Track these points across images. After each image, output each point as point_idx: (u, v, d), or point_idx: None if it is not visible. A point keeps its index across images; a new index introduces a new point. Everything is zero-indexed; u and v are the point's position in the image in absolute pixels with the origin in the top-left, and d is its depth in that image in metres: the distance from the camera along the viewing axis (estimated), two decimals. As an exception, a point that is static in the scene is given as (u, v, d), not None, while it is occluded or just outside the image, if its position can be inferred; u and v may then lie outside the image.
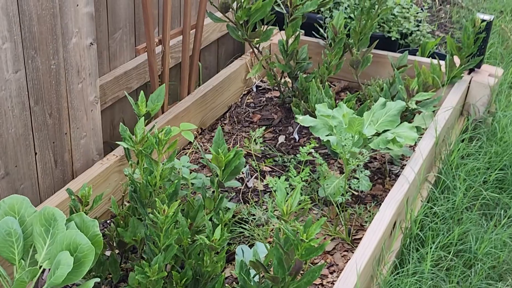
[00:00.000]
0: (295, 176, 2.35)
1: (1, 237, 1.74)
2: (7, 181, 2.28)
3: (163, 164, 1.95)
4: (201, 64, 3.62)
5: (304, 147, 2.40)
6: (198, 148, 3.01)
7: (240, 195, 2.74)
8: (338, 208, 2.45)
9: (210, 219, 2.19)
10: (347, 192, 2.43)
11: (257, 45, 3.19)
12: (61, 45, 2.36)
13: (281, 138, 3.19)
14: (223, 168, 2.12)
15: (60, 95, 2.42)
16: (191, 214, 2.13)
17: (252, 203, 2.63)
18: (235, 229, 2.41)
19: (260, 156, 3.02)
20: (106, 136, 3.07)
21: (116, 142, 2.29)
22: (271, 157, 3.00)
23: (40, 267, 1.80)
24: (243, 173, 2.87)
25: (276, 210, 2.24)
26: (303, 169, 2.38)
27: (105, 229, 2.38)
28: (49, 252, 1.78)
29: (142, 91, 2.12)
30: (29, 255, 1.87)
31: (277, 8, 3.01)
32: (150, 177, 1.96)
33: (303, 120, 2.55)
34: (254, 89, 3.59)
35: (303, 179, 2.32)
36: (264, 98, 3.51)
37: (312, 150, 2.49)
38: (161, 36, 2.89)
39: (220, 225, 2.08)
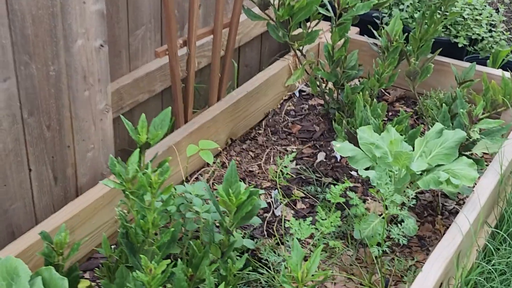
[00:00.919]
0: (323, 219, 1.97)
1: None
2: (-7, 202, 2.00)
3: (157, 208, 1.61)
4: (237, 64, 3.26)
5: (336, 186, 2.01)
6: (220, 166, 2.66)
7: (265, 225, 2.39)
8: (376, 258, 2.07)
9: (217, 269, 1.85)
10: (385, 241, 2.04)
11: (300, 48, 2.80)
12: (63, 49, 2.04)
13: (321, 156, 2.80)
14: (234, 212, 1.77)
15: (61, 105, 2.11)
16: (195, 262, 1.79)
17: (276, 240, 2.28)
18: (251, 275, 2.06)
19: (294, 177, 2.65)
20: (124, 143, 2.76)
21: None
22: (304, 181, 2.62)
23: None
24: (271, 197, 2.51)
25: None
26: (333, 212, 1.99)
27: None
28: (10, 313, 1.47)
29: (143, 114, 1.78)
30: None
31: (321, 10, 2.60)
32: (142, 222, 1.62)
33: (341, 149, 2.15)
34: (297, 94, 3.20)
35: (332, 224, 1.95)
36: (307, 106, 3.13)
37: (350, 185, 2.10)
38: (187, 36, 2.53)
39: (224, 282, 1.74)
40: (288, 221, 1.96)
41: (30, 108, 2.01)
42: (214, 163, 2.65)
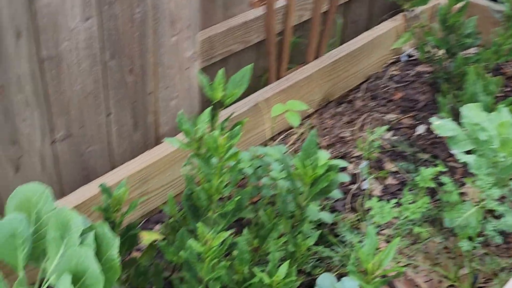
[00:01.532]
0: (409, 203, 1.78)
1: (3, 238, 1.40)
2: (69, 143, 1.95)
3: (223, 173, 1.48)
4: (343, 20, 3.03)
5: (427, 169, 1.80)
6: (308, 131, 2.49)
7: (349, 198, 2.22)
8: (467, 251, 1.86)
9: (285, 243, 1.71)
10: (478, 236, 1.81)
11: (412, 9, 2.54)
12: (151, -10, 1.92)
13: (421, 128, 2.57)
14: (309, 187, 1.62)
15: (145, 50, 2.01)
16: (262, 233, 1.67)
17: (359, 215, 2.11)
18: (324, 252, 1.91)
19: (387, 150, 2.44)
20: (213, 94, 2.64)
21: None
22: (399, 155, 2.41)
23: (47, 281, 1.44)
24: (359, 170, 2.33)
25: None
26: (423, 196, 1.79)
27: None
28: (59, 265, 1.41)
29: (222, 69, 1.63)
30: (43, 260, 1.52)
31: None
32: (207, 186, 1.50)
33: (440, 127, 1.92)
34: (404, 59, 2.95)
35: (420, 209, 1.75)
36: (413, 72, 2.87)
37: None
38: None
39: (291, 260, 1.61)
40: (372, 197, 1.78)
41: (112, 51, 1.92)
42: (301, 124, 2.49)
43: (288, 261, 1.55)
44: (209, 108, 1.54)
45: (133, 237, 1.60)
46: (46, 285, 1.44)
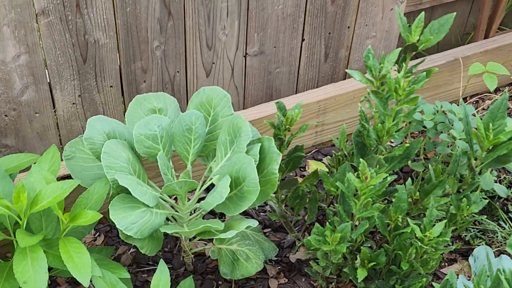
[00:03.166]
0: None
1: (180, 131, 1.51)
2: (260, 60, 2.02)
3: (398, 116, 1.45)
4: None
5: None
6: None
7: (531, 178, 2.06)
8: None
9: (448, 204, 1.65)
10: None
11: None
12: None
13: None
14: (486, 152, 1.52)
15: (353, -19, 1.99)
16: (426, 187, 1.61)
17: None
18: (488, 225, 1.81)
19: None
20: (413, 42, 2.55)
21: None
22: None
23: (211, 179, 1.54)
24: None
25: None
26: None
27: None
28: (224, 168, 1.49)
29: (422, 13, 1.56)
30: (212, 160, 1.61)
31: None
32: (380, 126, 1.48)
33: None
34: None
35: None
36: None
37: None
38: None
39: (449, 222, 1.55)
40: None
41: (320, -24, 1.92)
42: (500, 90, 2.33)
43: (445, 221, 1.50)
44: (398, 49, 1.49)
45: (298, 158, 1.63)
46: (209, 182, 1.54)
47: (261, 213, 1.94)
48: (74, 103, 1.79)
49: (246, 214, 1.92)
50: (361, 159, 1.39)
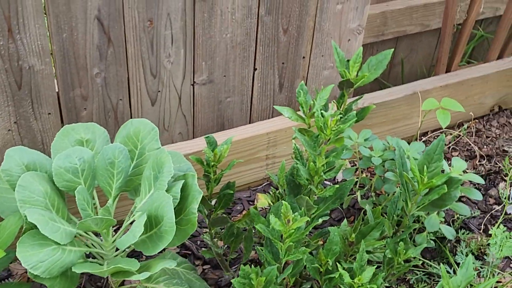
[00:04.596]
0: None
1: (102, 164, 1.45)
2: (209, 88, 1.96)
3: (326, 157, 1.38)
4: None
5: None
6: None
7: (488, 217, 1.99)
8: None
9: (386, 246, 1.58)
10: None
11: None
12: (322, -49, 1.83)
13: None
14: (424, 193, 1.46)
15: (306, 12, 1.94)
16: (363, 229, 1.55)
17: (489, 240, 1.89)
18: (431, 266, 1.74)
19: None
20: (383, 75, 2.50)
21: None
22: None
23: (133, 215, 1.48)
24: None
25: None
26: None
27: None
28: (145, 204, 1.43)
29: (360, 48, 1.50)
30: (137, 192, 1.56)
31: None
32: (312, 165, 1.42)
33: None
34: None
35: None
36: None
37: None
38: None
39: (384, 265, 1.49)
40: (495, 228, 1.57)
41: (269, 6, 1.87)
42: (460, 126, 2.27)
43: (376, 266, 1.44)
44: (331, 85, 1.44)
45: (229, 196, 1.57)
46: (131, 220, 1.48)
47: (203, 248, 1.87)
48: (9, 130, 1.74)
49: (186, 248, 1.86)
50: (284, 201, 1.33)
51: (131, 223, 1.50)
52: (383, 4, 2.28)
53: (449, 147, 2.24)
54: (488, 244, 1.89)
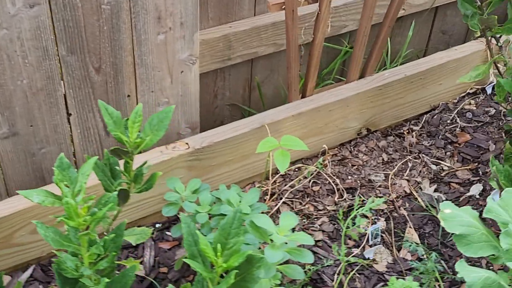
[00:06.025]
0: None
1: None
2: (14, 142, 1.69)
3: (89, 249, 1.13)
4: (430, 29, 2.49)
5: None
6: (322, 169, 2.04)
7: (342, 266, 1.77)
8: None
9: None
10: None
11: (497, 35, 1.98)
12: (125, -22, 1.57)
13: (476, 189, 2.03)
14: (219, 276, 1.22)
15: (119, 47, 1.68)
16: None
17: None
18: None
19: (417, 211, 1.94)
20: (237, 97, 2.27)
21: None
22: (433, 221, 1.91)
23: None
24: (369, 231, 1.86)
25: None
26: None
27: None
28: None
29: (140, 105, 1.25)
30: None
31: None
32: (74, 258, 1.16)
33: (447, 218, 1.41)
34: (489, 91, 2.37)
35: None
36: (493, 111, 2.30)
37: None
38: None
39: None
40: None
41: (70, 45, 1.61)
42: (324, 155, 2.05)
43: None
44: (95, 157, 1.18)
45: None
46: None
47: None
48: None
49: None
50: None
51: None
52: (226, 26, 2.04)
53: (310, 181, 2.01)
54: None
